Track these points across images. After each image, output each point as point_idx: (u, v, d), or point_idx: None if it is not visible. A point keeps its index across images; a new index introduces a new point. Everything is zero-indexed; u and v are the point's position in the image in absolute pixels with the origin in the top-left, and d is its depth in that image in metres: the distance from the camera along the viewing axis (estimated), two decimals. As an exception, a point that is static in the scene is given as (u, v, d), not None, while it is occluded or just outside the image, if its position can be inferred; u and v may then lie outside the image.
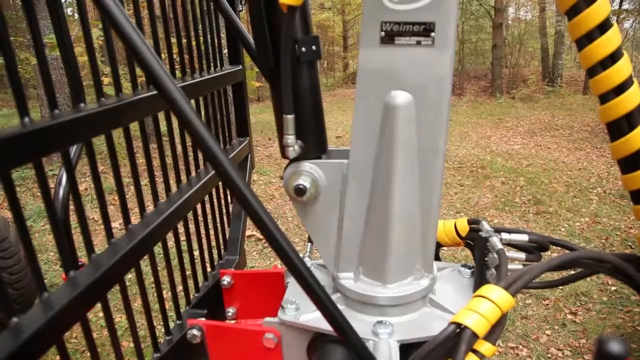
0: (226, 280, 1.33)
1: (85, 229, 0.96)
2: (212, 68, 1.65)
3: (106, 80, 6.88)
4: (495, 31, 18.44)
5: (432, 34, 0.85)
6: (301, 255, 1.31)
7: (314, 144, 1.00)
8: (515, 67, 21.20)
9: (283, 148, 0.96)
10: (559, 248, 1.19)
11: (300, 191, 0.97)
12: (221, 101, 1.72)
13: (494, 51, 18.30)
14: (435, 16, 0.84)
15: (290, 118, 0.91)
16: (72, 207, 1.03)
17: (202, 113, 1.56)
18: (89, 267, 0.94)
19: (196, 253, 1.56)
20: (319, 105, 0.99)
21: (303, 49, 0.90)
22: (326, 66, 27.73)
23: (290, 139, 0.93)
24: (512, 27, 26.26)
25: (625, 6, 22.65)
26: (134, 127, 1.18)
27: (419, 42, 0.86)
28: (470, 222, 1.27)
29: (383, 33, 0.86)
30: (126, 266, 1.04)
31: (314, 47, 0.92)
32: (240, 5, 1.76)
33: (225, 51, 1.90)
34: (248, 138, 1.93)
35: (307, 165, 0.99)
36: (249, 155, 1.93)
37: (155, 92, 1.13)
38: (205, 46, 1.58)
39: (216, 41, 1.66)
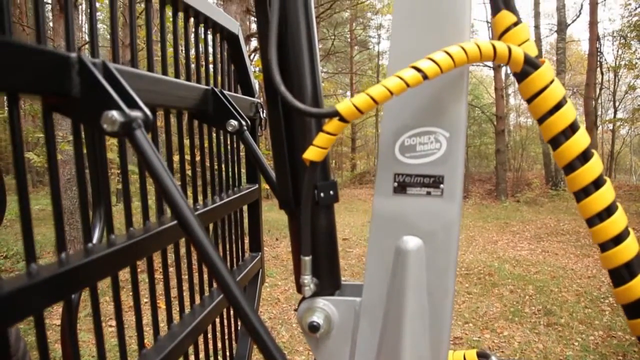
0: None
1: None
2: (231, 189, 1.74)
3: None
4: (497, 137, 19.11)
5: (441, 185, 0.93)
6: None
7: (329, 281, 1.05)
8: (518, 171, 21.67)
9: (299, 286, 1.01)
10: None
11: (313, 328, 1.00)
12: (237, 220, 1.80)
13: (498, 156, 18.83)
14: (443, 170, 0.93)
15: (307, 260, 0.97)
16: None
17: (219, 232, 1.62)
18: None
19: None
20: (334, 245, 1.05)
21: (322, 194, 0.98)
22: (335, 166, 28.47)
23: (307, 279, 0.98)
24: (514, 133, 27.18)
25: (620, 115, 23.64)
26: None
27: (429, 193, 0.93)
28: (479, 355, 1.27)
29: (396, 183, 0.94)
30: None
31: (331, 192, 1.00)
32: (260, 130, 1.90)
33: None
34: (260, 253, 1.98)
35: (321, 302, 1.03)
36: (260, 270, 1.97)
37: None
38: (226, 171, 1.69)
39: (236, 166, 1.77)
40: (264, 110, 1.86)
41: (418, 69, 0.83)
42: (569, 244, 10.77)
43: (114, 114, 0.75)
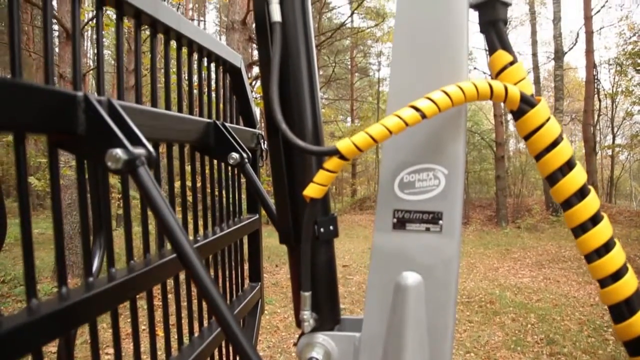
0: None
1: None
2: (232, 219, 1.75)
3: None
4: (497, 163, 19.17)
5: (440, 221, 0.94)
6: None
7: (328, 316, 1.05)
8: (519, 197, 21.63)
9: (299, 321, 1.01)
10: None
11: (313, 364, 0.99)
12: (237, 250, 1.80)
13: (498, 182, 18.85)
14: (442, 206, 0.94)
15: (307, 295, 0.98)
16: None
17: (219, 262, 1.62)
18: None
19: None
20: (334, 280, 1.05)
21: (322, 230, 0.99)
22: (335, 191, 28.48)
23: (307, 314, 0.98)
24: (514, 159, 27.23)
25: (618, 140, 23.80)
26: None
27: (428, 229, 0.94)
28: None
29: (395, 219, 0.95)
30: None
31: (331, 227, 1.01)
32: (261, 161, 1.92)
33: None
34: (260, 283, 1.97)
35: (321, 337, 1.03)
36: (260, 300, 1.96)
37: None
38: (227, 201, 1.70)
39: (237, 197, 1.79)
40: (265, 141, 1.88)
41: (417, 109, 0.84)
42: (570, 270, 10.69)
43: (118, 152, 0.76)
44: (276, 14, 0.98)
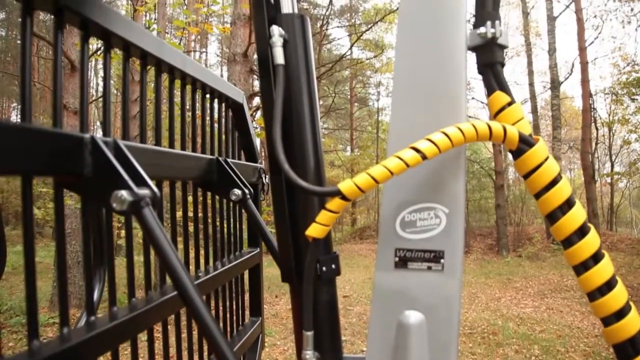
0: None
1: None
2: (233, 254, 1.75)
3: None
4: (497, 192, 19.17)
5: (442, 260, 0.94)
6: None
7: (331, 355, 1.04)
8: (519, 225, 21.55)
9: None
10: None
11: (316, 405, 0.98)
12: (238, 285, 1.79)
13: (498, 211, 18.81)
14: (444, 245, 0.94)
15: (309, 335, 0.97)
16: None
17: (220, 296, 1.62)
18: None
19: None
20: (336, 319, 1.05)
21: (324, 269, 1.00)
22: (335, 221, 28.31)
23: (309, 354, 0.98)
24: (513, 187, 27.24)
25: (617, 168, 23.89)
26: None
27: (429, 267, 0.95)
28: None
29: (397, 258, 0.96)
30: None
31: (333, 266, 1.01)
32: (262, 195, 1.93)
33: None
34: (260, 318, 1.96)
35: (323, 377, 1.02)
36: (260, 335, 1.94)
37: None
38: (228, 235, 1.70)
39: (238, 231, 1.79)
40: (267, 176, 1.90)
41: (417, 150, 0.86)
42: (573, 300, 10.57)
43: (124, 193, 0.77)
44: (279, 57, 1.01)
